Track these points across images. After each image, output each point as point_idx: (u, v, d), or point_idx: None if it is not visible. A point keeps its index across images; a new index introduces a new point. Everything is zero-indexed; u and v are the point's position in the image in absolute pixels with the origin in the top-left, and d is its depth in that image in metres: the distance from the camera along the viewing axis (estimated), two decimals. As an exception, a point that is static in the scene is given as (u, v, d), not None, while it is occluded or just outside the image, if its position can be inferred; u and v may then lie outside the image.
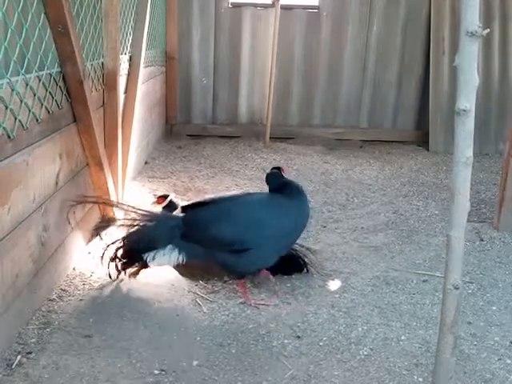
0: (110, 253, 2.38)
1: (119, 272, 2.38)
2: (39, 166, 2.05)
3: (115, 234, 2.44)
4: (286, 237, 2.35)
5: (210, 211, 2.36)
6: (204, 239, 2.30)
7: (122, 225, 2.43)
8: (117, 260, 2.37)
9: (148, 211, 2.51)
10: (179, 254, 2.32)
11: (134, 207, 2.50)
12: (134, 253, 2.36)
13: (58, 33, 2.16)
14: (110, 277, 2.37)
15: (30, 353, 1.85)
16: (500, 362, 1.95)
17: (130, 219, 2.43)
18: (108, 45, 2.85)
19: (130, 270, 2.40)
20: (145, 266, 2.38)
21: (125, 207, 2.55)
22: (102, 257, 2.39)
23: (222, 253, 2.28)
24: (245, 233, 2.28)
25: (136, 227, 2.40)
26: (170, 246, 2.32)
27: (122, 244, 2.38)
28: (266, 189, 2.51)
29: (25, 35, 1.91)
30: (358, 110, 5.70)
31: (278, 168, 2.53)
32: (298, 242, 2.54)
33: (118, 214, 3.00)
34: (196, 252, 2.32)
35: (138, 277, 2.41)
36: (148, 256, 2.33)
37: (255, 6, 5.44)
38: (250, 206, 2.40)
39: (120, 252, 2.38)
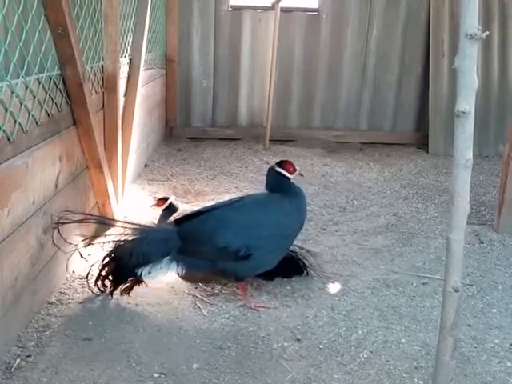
0: (96, 272, 2.27)
1: (111, 291, 2.26)
2: (39, 168, 2.04)
3: (102, 251, 2.33)
4: (286, 236, 2.33)
5: (207, 221, 2.28)
6: (206, 251, 2.24)
7: (110, 241, 2.31)
8: (102, 278, 2.26)
9: (138, 224, 2.40)
10: (177, 265, 2.24)
11: (123, 221, 2.43)
12: (125, 269, 2.24)
13: (58, 35, 2.16)
14: (99, 294, 2.27)
15: (29, 356, 1.85)
16: (500, 364, 1.95)
17: (119, 234, 2.31)
18: (108, 47, 2.85)
19: (122, 287, 2.27)
20: (138, 281, 2.28)
21: (113, 222, 2.48)
22: (87, 277, 2.30)
23: (225, 261, 2.24)
24: (248, 237, 2.24)
25: (126, 242, 2.29)
26: (166, 259, 2.23)
27: (109, 261, 2.28)
28: (264, 191, 2.49)
29: (25, 37, 1.91)
30: (357, 112, 5.70)
31: (283, 162, 2.40)
32: (297, 244, 2.54)
33: (117, 216, 3.00)
34: (196, 263, 2.26)
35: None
36: (142, 271, 2.22)
37: (255, 8, 5.45)
38: (247, 208, 2.35)
39: (108, 270, 2.27)
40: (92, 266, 2.32)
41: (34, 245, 2.02)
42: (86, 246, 2.41)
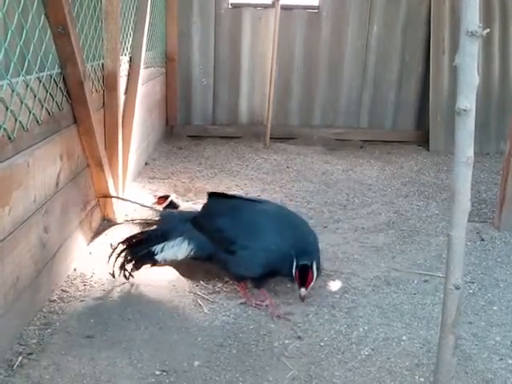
0: (119, 256, 2.37)
1: (129, 274, 2.36)
2: (40, 167, 2.05)
3: (125, 234, 2.47)
4: (271, 252, 2.19)
5: (224, 204, 2.39)
6: (208, 228, 2.32)
7: (138, 223, 2.49)
8: (126, 262, 2.36)
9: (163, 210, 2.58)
10: (188, 245, 2.32)
11: (151, 207, 2.58)
12: (144, 247, 2.36)
13: (59, 34, 2.16)
14: (114, 276, 2.35)
15: (31, 354, 1.85)
16: (501, 362, 1.95)
17: (144, 219, 2.49)
18: (108, 46, 2.85)
19: (135, 265, 2.39)
20: (154, 262, 2.39)
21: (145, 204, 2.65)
22: (109, 257, 2.38)
23: (222, 251, 2.27)
24: (239, 233, 2.25)
25: (151, 226, 2.45)
26: (179, 238, 2.33)
27: (133, 242, 2.40)
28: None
29: (25, 36, 1.91)
30: (358, 110, 5.70)
31: (307, 272, 2.16)
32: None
33: (118, 215, 3.01)
34: (202, 244, 2.32)
35: (139, 277, 2.40)
36: (156, 248, 2.34)
37: (255, 6, 5.44)
38: (258, 211, 2.35)
39: (130, 251, 2.38)
40: (119, 244, 2.40)
41: (35, 243, 2.02)
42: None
